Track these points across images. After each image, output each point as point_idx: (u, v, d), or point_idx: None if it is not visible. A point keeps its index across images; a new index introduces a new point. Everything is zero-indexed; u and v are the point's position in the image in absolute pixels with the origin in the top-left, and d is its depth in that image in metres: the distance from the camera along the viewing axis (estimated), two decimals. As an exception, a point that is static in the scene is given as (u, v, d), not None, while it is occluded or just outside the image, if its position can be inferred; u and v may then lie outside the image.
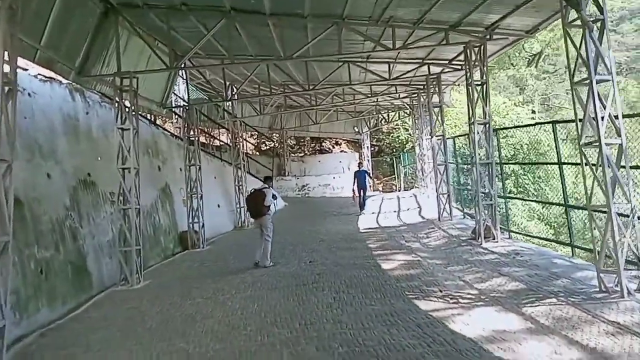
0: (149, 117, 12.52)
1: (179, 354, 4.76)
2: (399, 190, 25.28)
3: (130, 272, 8.28)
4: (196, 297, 6.96)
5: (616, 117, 5.16)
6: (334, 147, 29.19)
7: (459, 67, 11.43)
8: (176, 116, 15.40)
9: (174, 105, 13.94)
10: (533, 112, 29.87)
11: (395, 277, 6.89)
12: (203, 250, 11.54)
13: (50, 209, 7.35)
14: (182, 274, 8.92)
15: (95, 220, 8.68)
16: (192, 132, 12.29)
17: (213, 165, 15.33)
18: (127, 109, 8.80)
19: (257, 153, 26.17)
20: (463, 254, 7.95)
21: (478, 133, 8.32)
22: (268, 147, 26.80)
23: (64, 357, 4.97)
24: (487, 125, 8.36)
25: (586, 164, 5.35)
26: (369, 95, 15.87)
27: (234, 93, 12.96)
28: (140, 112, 11.93)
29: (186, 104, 12.56)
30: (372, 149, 28.02)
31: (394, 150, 28.68)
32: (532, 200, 13.92)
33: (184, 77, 14.15)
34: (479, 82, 8.44)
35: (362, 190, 15.85)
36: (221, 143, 19.23)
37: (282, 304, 6.13)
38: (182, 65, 10.45)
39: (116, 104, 8.70)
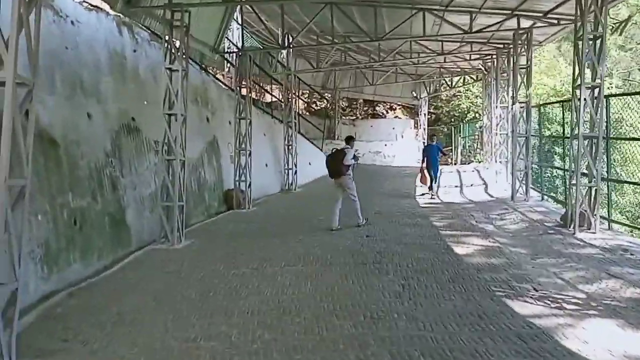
0: (200, 64, 11.63)
1: (220, 339, 3.93)
2: (455, 164, 23.64)
3: (172, 230, 7.59)
4: (241, 265, 6.15)
5: None
6: (387, 112, 27.64)
7: (555, 21, 9.72)
8: (228, 65, 14.48)
9: (226, 51, 12.99)
10: (610, 85, 26.93)
11: (474, 265, 5.78)
12: (248, 211, 10.80)
13: (89, 153, 6.66)
14: (226, 236, 8.18)
15: (137, 169, 8.00)
16: (244, 83, 11.35)
17: (263, 121, 14.44)
18: (176, 48, 7.90)
19: (307, 113, 25.10)
20: (553, 244, 6.69)
21: (585, 99, 6.83)
22: (319, 108, 25.62)
23: (90, 326, 4.26)
24: (598, 90, 6.84)
25: None
26: (438, 53, 14.22)
27: (290, 42, 11.80)
28: (190, 56, 11.09)
29: (240, 51, 11.56)
30: (429, 116, 26.27)
31: (453, 119, 26.82)
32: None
33: (239, 22, 13.08)
34: (592, 36, 6.86)
35: (433, 169, 12.16)
36: (273, 99, 18.27)
37: (341, 286, 5.20)
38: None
39: (165, 42, 7.80)
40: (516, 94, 10.16)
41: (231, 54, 12.95)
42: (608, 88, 25.82)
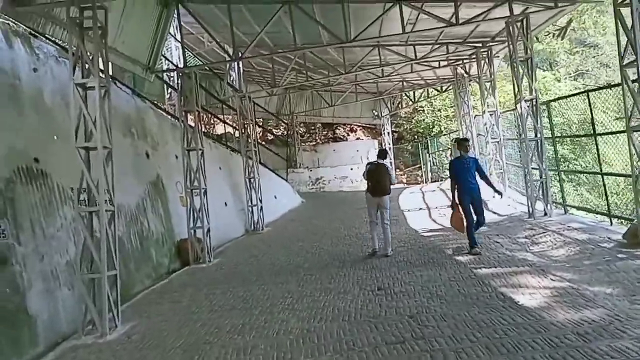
0: (133, 89, 9.39)
1: None
2: (425, 183, 22.22)
3: (100, 313, 5.23)
4: (210, 369, 3.90)
5: None
6: (348, 135, 26.07)
7: (552, 4, 8.33)
8: (169, 92, 12.28)
9: (164, 73, 10.77)
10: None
11: (568, 327, 3.81)
12: (210, 265, 8.50)
13: (-46, 216, 4.30)
14: (183, 309, 5.85)
15: (45, 231, 5.62)
16: (190, 106, 9.20)
17: (217, 153, 12.24)
18: (91, 59, 5.70)
19: (263, 142, 23.07)
20: (640, 274, 4.90)
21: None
22: (275, 136, 23.65)
23: None
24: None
25: None
26: (411, 59, 12.61)
27: (242, 54, 9.81)
28: (119, 79, 8.90)
29: (182, 69, 9.44)
30: (392, 135, 24.89)
31: (416, 136, 25.57)
32: None
33: (178, 39, 11.01)
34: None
35: (474, 201, 6.86)
36: (226, 129, 16.11)
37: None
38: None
39: (72, 50, 5.59)
40: (521, 90, 8.59)
41: (172, 74, 10.80)
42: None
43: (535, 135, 8.58)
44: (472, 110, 14.46)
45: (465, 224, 6.77)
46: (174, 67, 11.06)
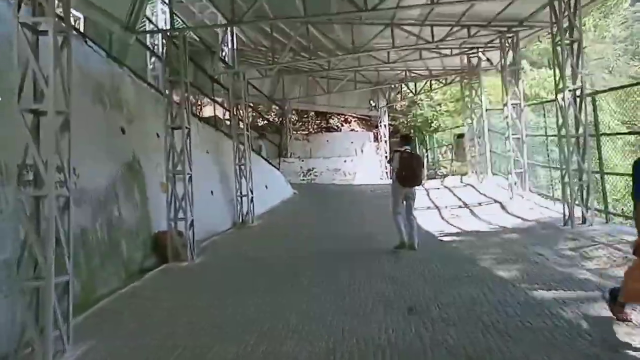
0: (107, 51, 7.92)
1: None
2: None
3: (43, 331, 3.88)
4: None
5: None
6: (342, 125, 24.80)
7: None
8: (152, 61, 10.80)
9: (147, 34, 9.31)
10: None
11: None
12: (193, 264, 7.17)
13: None
14: (155, 327, 4.52)
15: (-26, 219, 4.24)
16: (177, 76, 7.81)
17: (205, 135, 10.83)
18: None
19: (250, 128, 21.69)
20: None
21: None
22: (268, 121, 22.27)
23: None
24: None
25: None
26: (424, 43, 11.30)
27: (241, 17, 8.34)
28: (88, 37, 7.49)
29: (169, 30, 8.02)
30: (388, 128, 23.72)
31: (412, 130, 24.45)
32: None
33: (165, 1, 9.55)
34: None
35: None
36: (215, 112, 14.67)
37: None
38: None
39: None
40: (564, 79, 7.41)
41: (156, 41, 9.34)
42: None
43: (577, 131, 7.44)
44: (485, 104, 13.33)
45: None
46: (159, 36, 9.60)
